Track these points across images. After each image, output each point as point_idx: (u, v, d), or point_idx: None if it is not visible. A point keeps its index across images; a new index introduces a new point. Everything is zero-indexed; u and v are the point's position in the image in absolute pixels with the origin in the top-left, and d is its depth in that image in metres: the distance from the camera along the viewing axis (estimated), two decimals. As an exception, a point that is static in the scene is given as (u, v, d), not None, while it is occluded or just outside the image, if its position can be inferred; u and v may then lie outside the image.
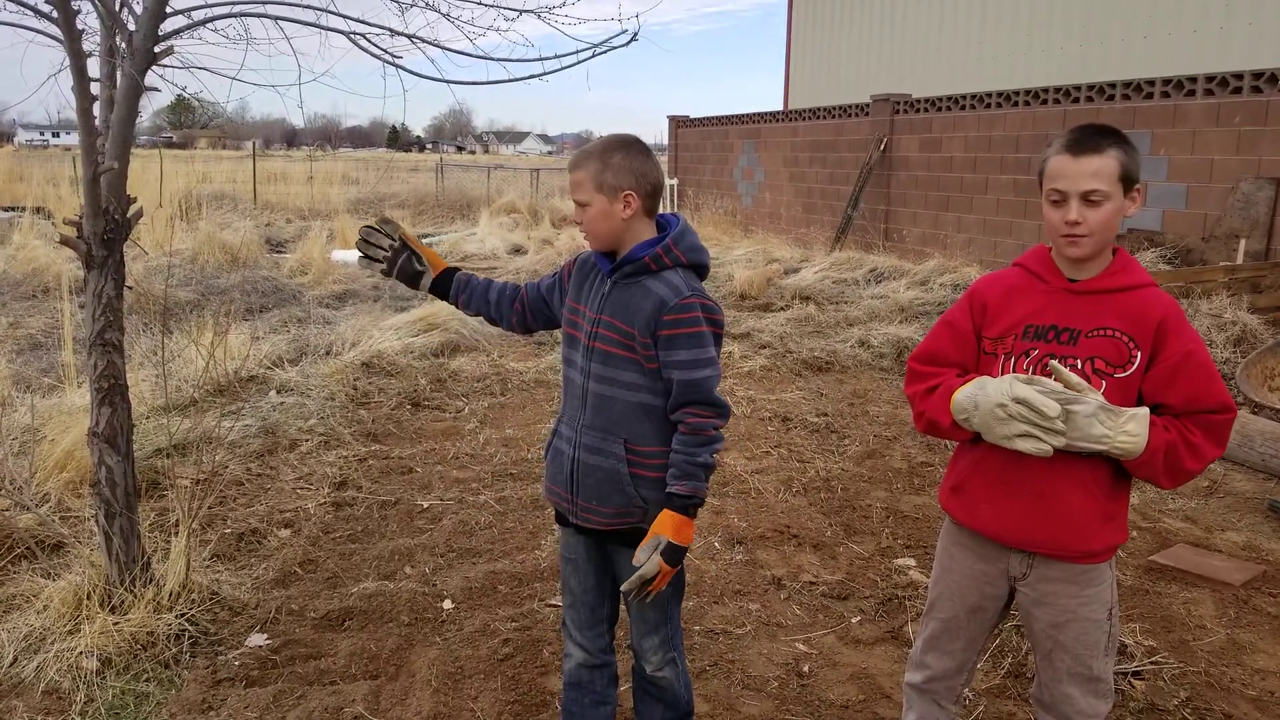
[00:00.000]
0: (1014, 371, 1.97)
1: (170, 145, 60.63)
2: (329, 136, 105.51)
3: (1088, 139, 1.89)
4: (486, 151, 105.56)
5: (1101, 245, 1.93)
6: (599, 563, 2.35)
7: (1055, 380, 1.86)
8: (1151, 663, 3.13)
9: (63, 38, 2.71)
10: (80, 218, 2.95)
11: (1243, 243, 8.34)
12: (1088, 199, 1.88)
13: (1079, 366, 1.92)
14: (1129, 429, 1.84)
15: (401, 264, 2.39)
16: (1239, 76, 8.68)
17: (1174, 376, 1.89)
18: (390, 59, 3.13)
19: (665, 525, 2.10)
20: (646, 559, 2.07)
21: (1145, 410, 1.86)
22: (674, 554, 2.08)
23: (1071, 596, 2.00)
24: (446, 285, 2.44)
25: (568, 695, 2.45)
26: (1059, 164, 1.91)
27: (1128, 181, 1.90)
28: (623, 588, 2.12)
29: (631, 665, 2.46)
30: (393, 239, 2.41)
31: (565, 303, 2.32)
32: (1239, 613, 3.54)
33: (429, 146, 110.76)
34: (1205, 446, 1.89)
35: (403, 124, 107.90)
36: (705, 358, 2.12)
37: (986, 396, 1.90)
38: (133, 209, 3.03)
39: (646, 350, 2.13)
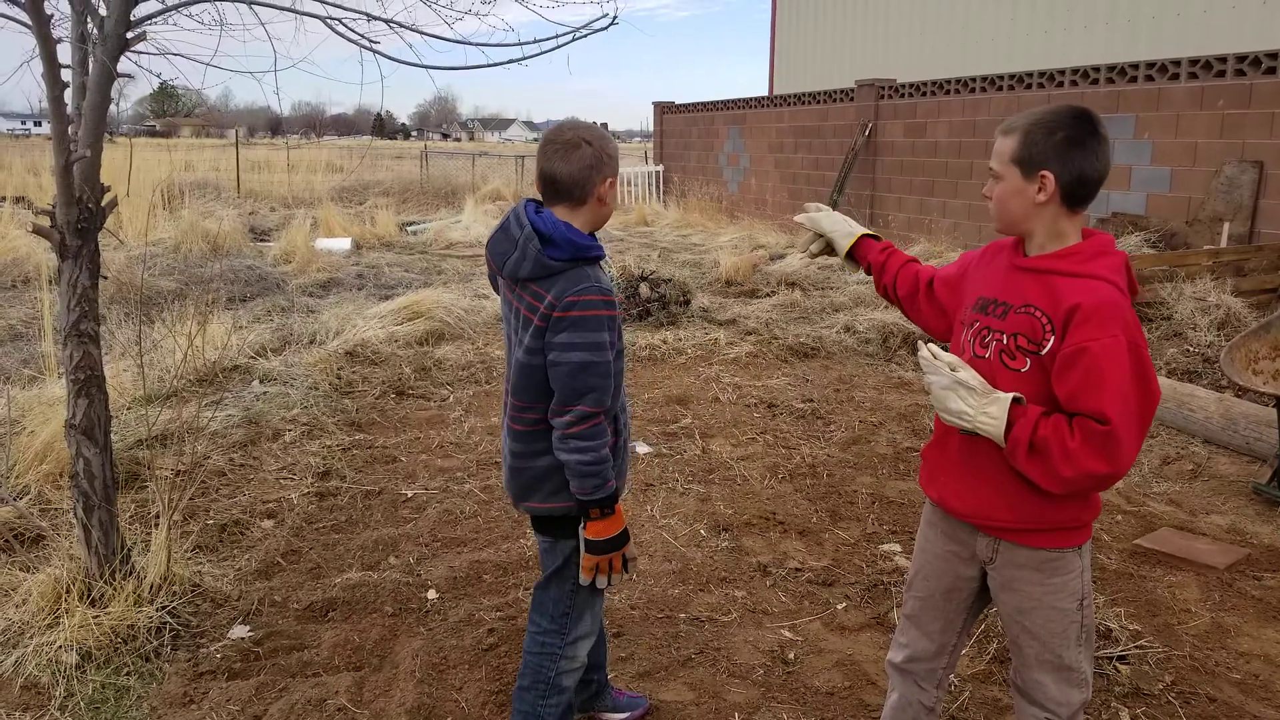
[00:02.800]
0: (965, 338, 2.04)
1: (154, 134, 60.15)
2: (313, 124, 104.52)
3: (1008, 121, 1.94)
4: (472, 139, 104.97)
5: (1006, 222, 1.96)
6: None
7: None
8: (1136, 647, 3.14)
9: (30, 23, 2.66)
10: (53, 207, 2.90)
11: (1226, 226, 8.36)
12: (992, 174, 1.96)
13: (1004, 341, 1.91)
14: (990, 411, 1.83)
15: None
16: (1222, 60, 8.69)
17: (1064, 369, 1.81)
18: (367, 44, 3.08)
19: None
20: None
21: (1008, 396, 1.83)
22: None
23: (1037, 584, 1.99)
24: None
25: (569, 697, 2.52)
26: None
27: (1024, 165, 1.88)
28: None
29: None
30: None
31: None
32: (1223, 596, 3.55)
33: (414, 134, 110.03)
34: (1081, 455, 1.75)
35: (387, 111, 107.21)
36: None
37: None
38: (107, 198, 2.98)
39: None
